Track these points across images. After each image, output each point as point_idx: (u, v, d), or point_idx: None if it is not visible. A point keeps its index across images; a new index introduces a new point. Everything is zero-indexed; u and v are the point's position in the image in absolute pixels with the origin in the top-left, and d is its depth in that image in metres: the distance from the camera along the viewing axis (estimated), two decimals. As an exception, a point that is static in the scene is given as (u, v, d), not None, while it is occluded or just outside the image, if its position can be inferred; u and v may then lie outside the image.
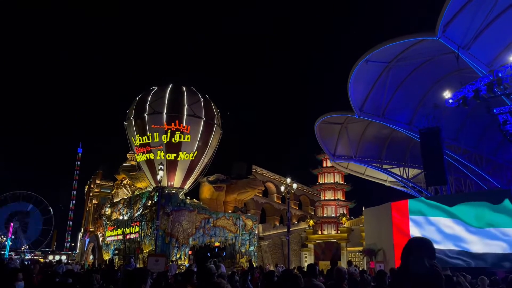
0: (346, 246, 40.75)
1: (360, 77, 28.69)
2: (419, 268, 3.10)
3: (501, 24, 22.23)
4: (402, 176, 36.65)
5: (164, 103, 32.32)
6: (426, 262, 3.10)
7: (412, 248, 3.29)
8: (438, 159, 26.57)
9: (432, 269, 3.09)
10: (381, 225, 30.71)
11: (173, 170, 32.39)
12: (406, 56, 26.92)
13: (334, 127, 35.98)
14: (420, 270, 3.10)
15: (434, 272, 3.09)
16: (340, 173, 45.04)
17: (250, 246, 32.84)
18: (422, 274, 3.06)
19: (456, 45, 22.72)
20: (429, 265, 3.09)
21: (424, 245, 3.34)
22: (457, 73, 25.54)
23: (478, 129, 31.94)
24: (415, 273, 3.09)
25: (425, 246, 3.33)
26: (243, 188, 35.66)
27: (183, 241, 28.76)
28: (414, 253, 3.19)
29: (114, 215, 36.13)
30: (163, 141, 31.70)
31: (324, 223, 44.07)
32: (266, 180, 47.28)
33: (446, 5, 20.89)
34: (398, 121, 31.77)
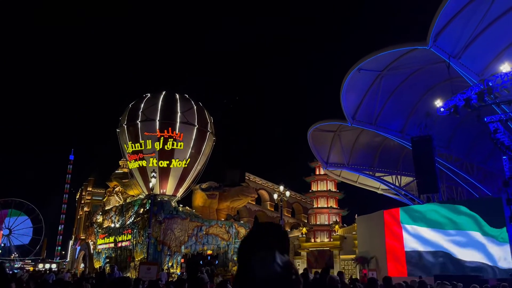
0: (339, 254, 40.69)
1: (353, 86, 28.89)
2: (266, 270, 2.01)
3: (491, 34, 22.55)
4: (394, 184, 36.80)
5: (157, 110, 32.24)
6: (278, 260, 2.03)
7: (254, 241, 2.15)
8: (430, 167, 26.74)
9: (286, 270, 2.03)
10: (373, 233, 30.76)
11: (166, 178, 32.22)
12: (398, 65, 27.18)
13: (327, 135, 36.11)
14: (268, 274, 2.01)
15: (289, 275, 2.03)
16: (333, 180, 45.13)
17: (242, 254, 32.64)
18: (271, 279, 2.00)
19: (447, 54, 23.00)
20: (282, 265, 2.02)
21: (273, 234, 2.17)
22: (449, 82, 25.80)
23: (469, 138, 32.24)
24: (261, 279, 2.00)
25: (274, 236, 2.17)
26: (236, 196, 35.54)
27: (175, 249, 28.54)
28: (258, 248, 2.08)
29: (105, 223, 35.79)
30: (155, 148, 31.56)
31: (317, 231, 44.02)
32: (259, 188, 47.20)
33: (437, 15, 21.17)
34: (390, 129, 31.97)
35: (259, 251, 2.09)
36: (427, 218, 26.68)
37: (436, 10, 21.12)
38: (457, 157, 32.43)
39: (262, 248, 2.10)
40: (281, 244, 2.15)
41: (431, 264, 25.64)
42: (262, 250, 2.08)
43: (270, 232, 2.21)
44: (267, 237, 2.16)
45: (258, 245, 2.14)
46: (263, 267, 2.03)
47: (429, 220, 26.55)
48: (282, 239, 2.20)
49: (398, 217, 28.33)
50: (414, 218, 27.35)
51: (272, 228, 2.25)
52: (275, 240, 2.16)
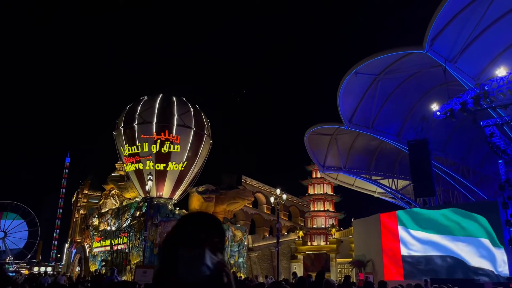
0: (336, 258, 40.70)
1: (350, 89, 28.96)
2: (193, 273, 1.64)
3: (487, 38, 22.68)
4: (391, 187, 36.85)
5: (153, 112, 32.23)
6: (208, 260, 1.65)
7: (179, 237, 1.72)
8: (426, 171, 26.81)
9: (217, 273, 1.66)
10: (370, 236, 30.77)
11: (162, 181, 32.18)
12: (395, 69, 27.27)
13: (324, 138, 36.14)
14: (195, 278, 1.63)
15: (220, 279, 1.65)
16: (329, 184, 45.17)
17: (239, 258, 32.62)
18: (198, 284, 1.62)
19: (443, 58, 23.10)
20: (212, 266, 1.65)
21: (203, 228, 1.74)
22: (445, 86, 25.88)
23: (465, 141, 32.35)
24: (186, 284, 1.63)
25: (204, 230, 1.73)
26: (232, 199, 35.52)
27: (171, 252, 28.41)
28: (184, 246, 1.67)
29: (101, 226, 35.67)
30: (152, 151, 31.54)
31: (314, 234, 44.02)
32: (256, 191, 47.14)
33: (434, 20, 21.27)
34: (387, 133, 32.04)
35: (185, 249, 1.65)
36: (424, 222, 26.71)
37: (433, 14, 21.24)
38: (453, 161, 32.53)
39: (188, 245, 1.66)
40: (213, 240, 1.71)
41: (428, 268, 25.65)
42: (189, 249, 1.65)
43: (199, 225, 1.74)
44: (195, 232, 1.69)
45: (183, 242, 1.67)
46: (188, 269, 1.64)
47: (426, 224, 26.58)
48: (214, 234, 1.74)
49: (395, 220, 28.35)
50: (411, 222, 27.38)
51: (202, 220, 1.77)
52: (206, 235, 1.71)
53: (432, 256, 25.76)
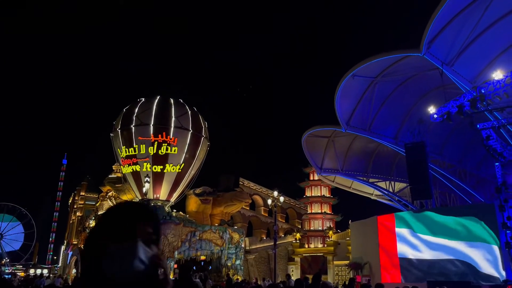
0: (333, 260, 40.67)
1: (347, 92, 29.01)
2: (124, 270, 1.41)
3: (483, 42, 22.78)
4: (388, 189, 36.90)
5: (151, 114, 32.20)
6: (141, 254, 1.43)
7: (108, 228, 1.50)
8: (423, 173, 26.85)
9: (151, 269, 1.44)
10: (367, 239, 30.78)
11: (159, 182, 32.13)
12: (392, 72, 27.35)
13: (321, 140, 36.18)
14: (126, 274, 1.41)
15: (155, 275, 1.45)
16: (327, 186, 45.18)
17: (236, 260, 32.56)
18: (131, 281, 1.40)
19: (440, 61, 23.18)
20: (146, 261, 1.43)
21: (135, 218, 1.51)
22: (442, 89, 25.97)
23: (462, 144, 32.45)
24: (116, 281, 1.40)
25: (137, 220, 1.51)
26: (230, 201, 35.50)
27: (168, 255, 28.39)
28: (114, 238, 1.45)
29: (98, 228, 35.56)
30: (149, 153, 31.49)
31: (311, 237, 44.00)
32: (253, 193, 47.13)
33: (431, 23, 21.35)
34: (384, 135, 32.11)
35: (114, 243, 1.43)
36: (422, 225, 26.74)
37: (430, 17, 21.32)
38: (450, 164, 32.62)
39: (118, 238, 1.44)
40: (146, 232, 1.50)
41: (425, 271, 25.66)
42: (119, 241, 1.43)
43: (130, 216, 1.51)
44: (126, 223, 1.48)
45: (112, 234, 1.45)
46: (119, 265, 1.41)
47: (424, 227, 26.61)
48: (147, 225, 1.51)
49: (392, 223, 28.38)
50: (409, 224, 27.41)
51: (133, 210, 1.55)
52: (139, 226, 1.49)
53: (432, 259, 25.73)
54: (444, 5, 20.35)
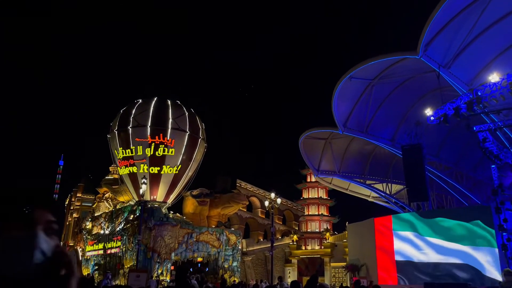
0: (330, 262, 40.72)
1: (344, 94, 29.09)
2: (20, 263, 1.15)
3: (480, 44, 22.89)
4: (385, 191, 36.97)
5: (148, 116, 32.15)
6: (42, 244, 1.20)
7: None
8: (420, 176, 26.92)
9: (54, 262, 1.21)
10: (364, 241, 30.81)
11: (156, 184, 32.06)
12: (389, 74, 27.44)
13: (319, 142, 36.25)
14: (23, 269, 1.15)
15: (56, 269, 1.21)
16: (324, 188, 45.26)
17: (233, 262, 32.51)
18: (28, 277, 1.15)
19: (437, 64, 23.28)
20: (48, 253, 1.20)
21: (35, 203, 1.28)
22: (438, 91, 26.06)
23: (458, 146, 32.55)
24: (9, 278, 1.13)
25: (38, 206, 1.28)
26: (227, 203, 35.46)
27: (165, 256, 28.33)
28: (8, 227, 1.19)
29: (95, 229, 35.45)
30: (146, 154, 31.43)
31: (308, 238, 44.05)
32: (250, 195, 47.09)
33: (428, 25, 21.45)
34: (381, 137, 32.19)
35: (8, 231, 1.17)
36: (419, 227, 26.79)
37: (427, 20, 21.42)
38: (447, 166, 32.71)
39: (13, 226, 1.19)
40: (47, 220, 1.26)
41: (422, 273, 25.71)
42: (14, 230, 1.18)
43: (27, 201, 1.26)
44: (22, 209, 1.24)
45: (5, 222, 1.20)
46: (13, 257, 1.15)
47: (420, 229, 26.66)
48: (47, 212, 1.28)
49: (389, 225, 28.43)
50: (406, 226, 27.46)
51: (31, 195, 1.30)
52: (38, 212, 1.25)
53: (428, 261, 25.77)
54: (441, 8, 20.45)
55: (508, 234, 21.39)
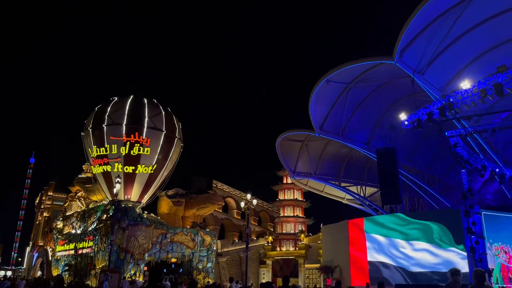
0: (304, 263, 40.98)
1: (321, 96, 29.34)
2: None
3: (453, 52, 23.52)
4: (359, 194, 37.50)
5: (124, 114, 31.63)
6: None
7: None
8: (393, 179, 27.42)
9: None
10: (338, 242, 31.13)
11: (131, 183, 31.58)
12: (366, 78, 27.84)
13: (295, 144, 36.47)
14: None
15: None
16: (300, 190, 45.52)
17: (207, 263, 32.34)
18: None
19: (412, 69, 23.78)
20: None
21: None
22: (413, 96, 26.62)
23: (431, 151, 33.33)
24: None
25: None
26: (202, 203, 35.26)
27: (138, 257, 27.92)
28: None
29: (66, 229, 34.64)
30: (121, 153, 30.91)
31: (283, 240, 44.21)
32: (226, 196, 46.97)
33: (403, 32, 21.89)
34: (356, 141, 32.63)
35: None
36: (391, 229, 27.25)
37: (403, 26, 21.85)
38: (419, 170, 33.45)
39: None
40: None
41: (393, 274, 26.15)
42: None
43: None
44: None
45: None
46: None
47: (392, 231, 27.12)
48: None
49: (362, 227, 28.81)
50: (378, 229, 27.89)
51: None
52: None
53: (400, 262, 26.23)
54: (416, 15, 20.91)
55: (476, 237, 22.03)
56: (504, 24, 21.64)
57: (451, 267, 6.81)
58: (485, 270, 18.41)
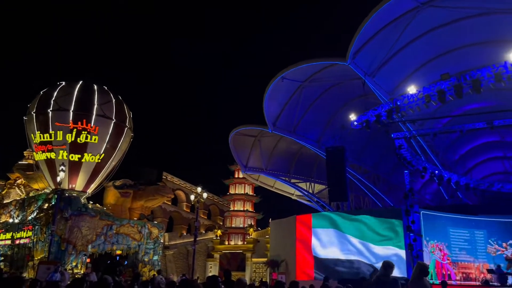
0: (252, 257, 41.41)
1: (276, 93, 29.63)
2: None
3: (402, 58, 24.52)
4: (308, 190, 38.32)
5: (71, 100, 30.34)
6: None
7: None
8: (341, 177, 28.19)
9: None
10: (285, 237, 31.64)
11: (76, 172, 30.40)
12: (319, 77, 28.41)
13: (248, 139, 36.63)
14: None
15: None
16: (251, 184, 45.89)
17: (154, 255, 31.84)
18: None
19: (363, 72, 24.55)
20: None
21: None
22: (363, 98, 27.51)
23: (377, 151, 34.60)
24: None
25: None
26: (151, 195, 34.64)
27: (81, 248, 26.99)
28: None
29: (3, 218, 32.80)
30: (67, 140, 29.67)
31: (232, 234, 44.42)
32: (176, 188, 46.42)
33: (357, 34, 22.53)
34: (308, 138, 33.26)
35: None
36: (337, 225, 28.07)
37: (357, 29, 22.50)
38: (366, 169, 34.66)
39: None
40: None
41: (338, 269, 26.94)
42: None
43: None
44: None
45: None
46: None
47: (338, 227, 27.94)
48: None
49: (309, 222, 29.44)
50: (325, 224, 28.63)
51: None
52: None
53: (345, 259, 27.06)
54: (370, 19, 21.57)
55: (414, 235, 23.20)
56: (450, 34, 22.83)
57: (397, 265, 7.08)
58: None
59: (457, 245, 25.21)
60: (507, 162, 33.88)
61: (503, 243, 25.06)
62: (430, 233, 24.84)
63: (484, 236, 25.47)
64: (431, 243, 24.67)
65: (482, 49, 22.69)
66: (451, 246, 25.03)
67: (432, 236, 24.86)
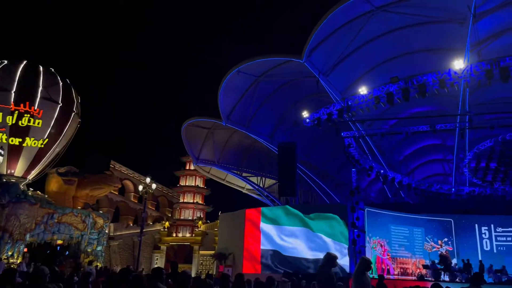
0: (199, 250, 41.19)
1: (231, 86, 29.52)
2: None
3: (355, 59, 25.21)
4: (259, 185, 38.62)
5: (14, 80, 28.65)
6: None
7: None
8: (291, 172, 28.64)
9: None
10: (234, 230, 31.71)
11: (16, 157, 28.79)
12: (275, 73, 28.60)
13: (201, 131, 36.29)
14: None
15: None
16: (202, 177, 45.53)
17: (97, 246, 30.85)
18: None
19: (318, 70, 25.01)
20: None
21: None
22: (316, 96, 28.04)
23: (327, 149, 35.43)
24: None
25: None
26: (97, 184, 33.51)
27: (18, 237, 25.62)
28: None
29: None
30: (7, 122, 28.03)
31: (180, 226, 43.94)
32: (124, 178, 45.19)
33: (313, 33, 22.90)
34: (261, 133, 33.47)
35: None
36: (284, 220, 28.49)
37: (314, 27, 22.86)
38: (316, 166, 35.44)
39: None
40: None
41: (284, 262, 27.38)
42: None
43: None
44: None
45: None
46: None
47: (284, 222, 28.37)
48: None
49: (258, 216, 29.67)
50: (273, 218, 28.98)
51: None
52: None
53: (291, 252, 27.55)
54: (326, 19, 21.99)
55: (358, 231, 24.05)
56: (401, 39, 23.72)
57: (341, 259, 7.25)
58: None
59: (397, 242, 26.42)
60: (446, 164, 35.87)
61: (438, 240, 26.59)
62: (373, 229, 25.83)
63: (421, 234, 26.88)
64: (373, 239, 25.65)
65: (430, 56, 23.77)
66: (391, 242, 26.18)
67: (374, 232, 25.85)
